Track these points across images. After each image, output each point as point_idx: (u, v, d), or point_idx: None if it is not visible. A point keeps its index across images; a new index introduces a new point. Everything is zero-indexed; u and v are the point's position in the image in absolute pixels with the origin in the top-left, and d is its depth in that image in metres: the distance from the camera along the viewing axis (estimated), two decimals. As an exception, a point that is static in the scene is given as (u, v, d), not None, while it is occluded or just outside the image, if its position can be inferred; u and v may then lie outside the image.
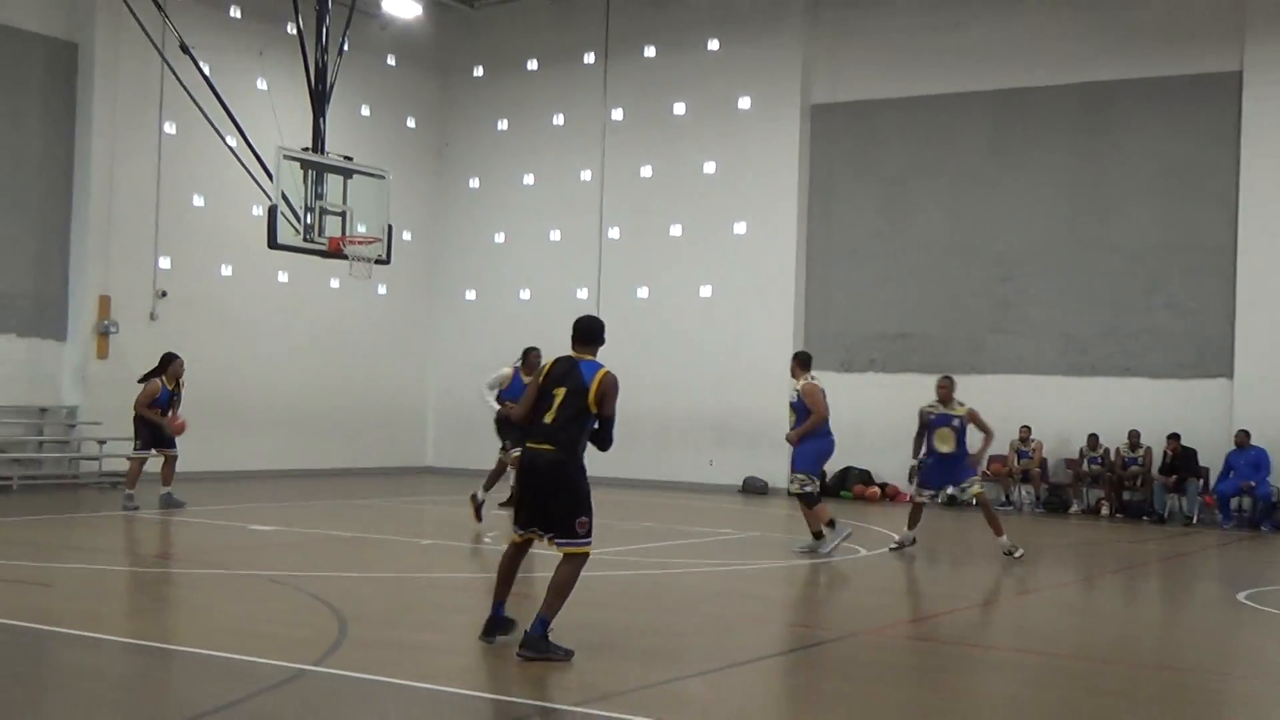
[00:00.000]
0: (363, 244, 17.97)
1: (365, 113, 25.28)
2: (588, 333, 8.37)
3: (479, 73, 27.01)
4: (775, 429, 23.66)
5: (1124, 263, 21.44)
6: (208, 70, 19.44)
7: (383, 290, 25.57)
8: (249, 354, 23.11)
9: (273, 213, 17.23)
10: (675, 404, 23.68)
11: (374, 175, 18.58)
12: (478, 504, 15.73)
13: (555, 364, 8.31)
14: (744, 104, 24.21)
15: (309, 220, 17.52)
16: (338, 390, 24.76)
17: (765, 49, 23.98)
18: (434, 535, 15.62)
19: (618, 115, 25.42)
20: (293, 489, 20.84)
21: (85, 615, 9.18)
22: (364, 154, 20.35)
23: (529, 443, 8.19)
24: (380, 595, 10.64)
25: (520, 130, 26.46)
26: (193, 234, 22.38)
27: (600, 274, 25.23)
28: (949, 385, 14.48)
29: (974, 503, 14.33)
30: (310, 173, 17.63)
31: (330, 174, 17.87)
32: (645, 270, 24.83)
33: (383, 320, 25.98)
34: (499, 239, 26.63)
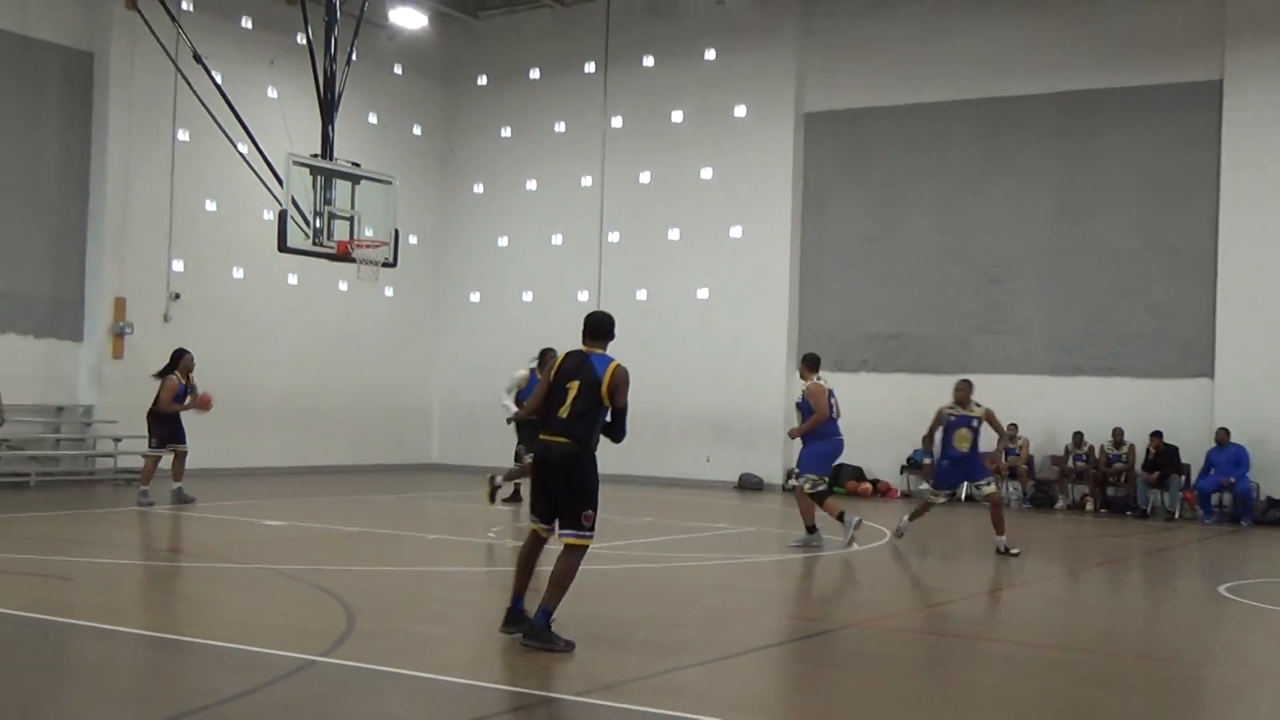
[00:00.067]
0: (370, 248, 17.97)
1: (373, 120, 25.28)
2: (599, 327, 8.33)
3: (483, 82, 27.02)
4: (771, 427, 23.80)
5: (1108, 266, 21.45)
6: (220, 79, 19.48)
7: (389, 292, 25.58)
8: (259, 354, 23.11)
9: (283, 217, 17.25)
10: (673, 403, 23.66)
11: (381, 181, 18.58)
12: (494, 486, 15.95)
13: (567, 358, 8.26)
14: (739, 112, 24.21)
15: (318, 224, 17.52)
16: (345, 389, 24.77)
17: (760, 59, 23.98)
18: (439, 530, 15.59)
19: (617, 123, 25.42)
20: (302, 485, 20.83)
21: (102, 608, 9.18)
22: (371, 160, 20.37)
23: (543, 435, 8.14)
24: (387, 588, 10.62)
25: (523, 137, 26.46)
26: (205, 238, 22.39)
27: (600, 276, 25.22)
28: (967, 388, 14.27)
29: (986, 501, 14.22)
30: (319, 178, 17.63)
31: (339, 180, 17.88)
32: (644, 273, 24.82)
33: (389, 321, 25.99)
34: (502, 243, 26.63)
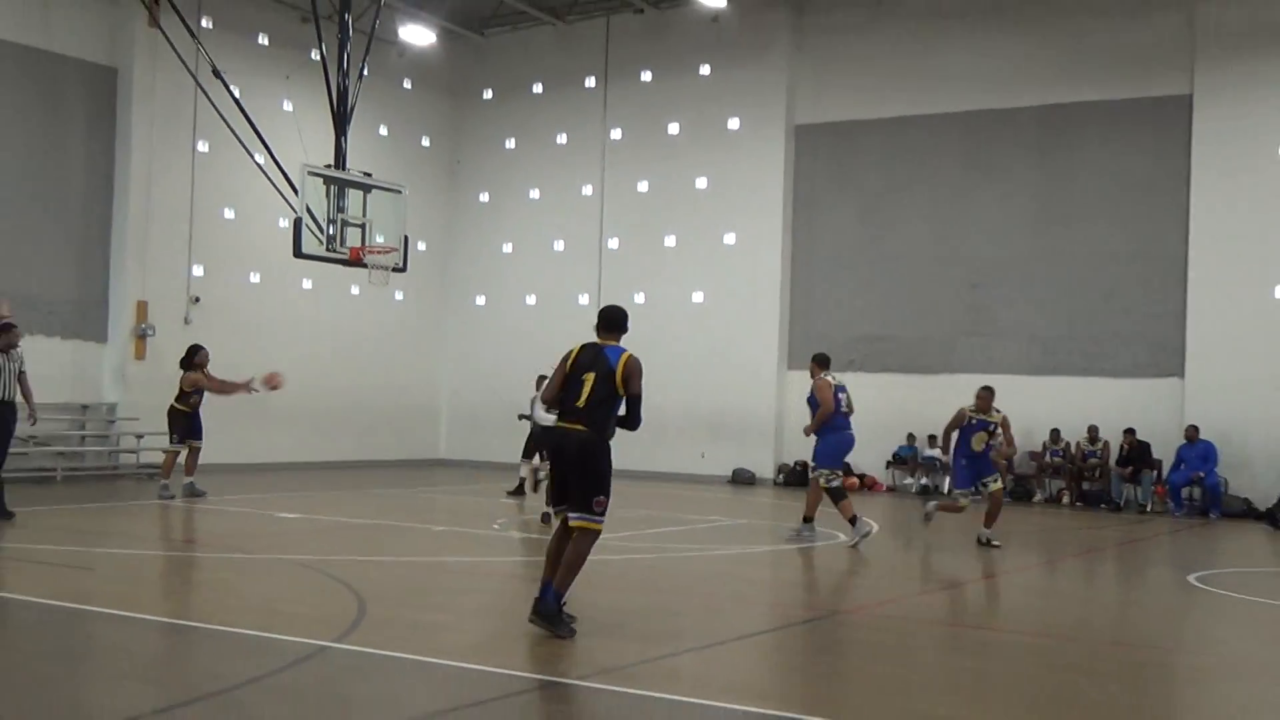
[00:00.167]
0: (381, 253, 17.97)
1: (383, 132, 25.27)
2: (612, 320, 8.31)
3: (488, 95, 27.01)
4: (762, 424, 23.82)
5: (1085, 271, 21.46)
6: (238, 93, 19.48)
7: (399, 296, 25.58)
8: (274, 355, 22.90)
9: (298, 224, 17.25)
10: (670, 401, 23.63)
11: (391, 190, 18.59)
12: (537, 478, 16.07)
13: (582, 350, 8.20)
14: (733, 124, 24.21)
15: (331, 231, 17.55)
16: (356, 388, 24.77)
17: (753, 74, 23.99)
18: (445, 522, 15.59)
19: (616, 135, 25.42)
20: (314, 480, 20.84)
21: (123, 597, 9.16)
22: (382, 170, 20.36)
23: (560, 422, 8.08)
24: (396, 578, 10.62)
25: (526, 148, 26.46)
26: (223, 244, 22.39)
27: (600, 281, 25.22)
28: (989, 395, 13.97)
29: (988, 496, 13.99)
30: (332, 188, 17.65)
31: (351, 189, 17.90)
32: (642, 277, 24.81)
33: (399, 324, 25.98)
34: (507, 249, 26.62)
